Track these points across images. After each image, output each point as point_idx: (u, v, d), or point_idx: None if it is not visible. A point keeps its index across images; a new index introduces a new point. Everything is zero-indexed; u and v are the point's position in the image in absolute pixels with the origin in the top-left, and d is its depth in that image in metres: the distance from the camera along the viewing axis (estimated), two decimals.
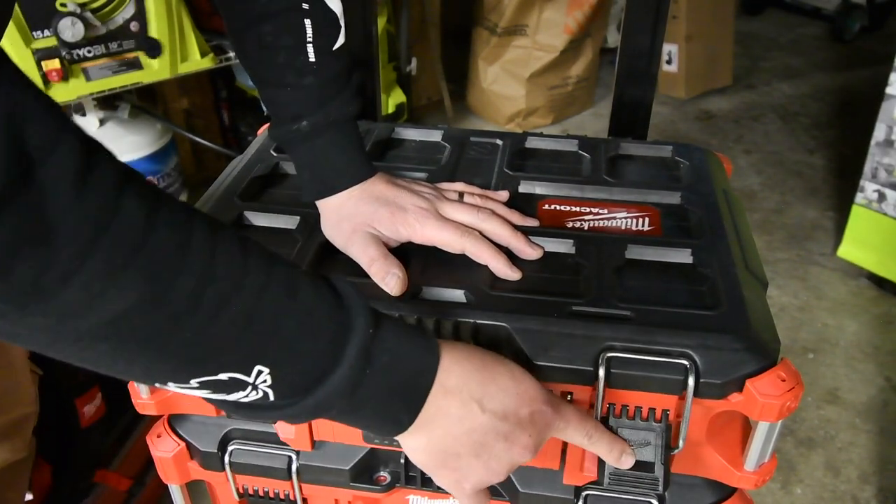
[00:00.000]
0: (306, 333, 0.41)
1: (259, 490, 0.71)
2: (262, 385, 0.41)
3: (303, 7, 0.61)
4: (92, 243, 0.32)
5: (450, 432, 0.48)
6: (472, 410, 0.48)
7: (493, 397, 0.49)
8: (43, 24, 1.55)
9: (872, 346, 1.81)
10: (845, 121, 2.84)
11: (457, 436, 0.48)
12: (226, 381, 0.40)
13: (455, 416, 0.48)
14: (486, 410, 0.48)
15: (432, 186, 0.71)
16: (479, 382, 0.48)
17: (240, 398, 0.42)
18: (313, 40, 0.62)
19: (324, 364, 0.42)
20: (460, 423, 0.48)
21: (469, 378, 0.48)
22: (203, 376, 0.39)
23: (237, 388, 0.41)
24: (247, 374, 0.40)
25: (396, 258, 0.63)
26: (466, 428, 0.48)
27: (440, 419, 0.48)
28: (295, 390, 0.42)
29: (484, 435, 0.49)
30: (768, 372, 0.55)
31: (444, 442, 0.49)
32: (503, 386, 0.49)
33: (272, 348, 0.40)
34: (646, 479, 0.58)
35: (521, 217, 0.70)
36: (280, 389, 0.42)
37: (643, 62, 0.93)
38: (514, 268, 0.63)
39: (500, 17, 2.61)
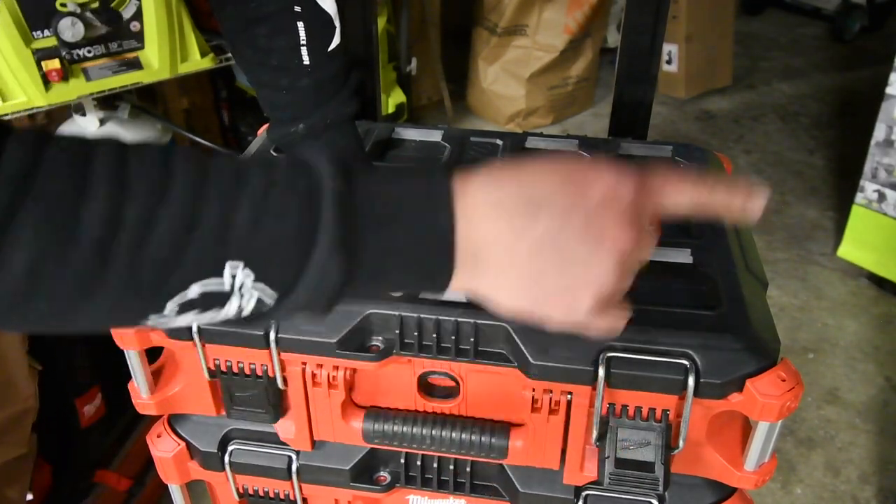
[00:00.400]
0: (267, 214, 0.36)
1: (259, 490, 0.71)
2: (247, 286, 0.36)
3: (295, 10, 0.61)
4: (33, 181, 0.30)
5: (514, 262, 0.40)
6: (526, 223, 0.39)
7: (543, 197, 0.40)
8: (43, 24, 1.54)
9: (872, 346, 1.81)
10: (845, 121, 2.84)
11: (525, 262, 0.40)
12: (200, 298, 0.36)
13: (507, 241, 0.39)
14: (542, 213, 0.39)
15: None
16: (517, 192, 0.40)
17: (237, 309, 0.37)
18: (307, 42, 0.62)
19: (303, 238, 0.37)
20: (518, 245, 0.39)
21: (503, 191, 0.40)
22: (172, 299, 0.36)
23: (220, 301, 0.37)
24: (218, 276, 0.36)
25: None
26: (530, 247, 0.39)
27: (492, 253, 0.39)
28: (286, 277, 0.37)
29: (556, 242, 0.39)
30: (768, 372, 0.55)
31: (516, 278, 0.40)
32: (552, 181, 0.40)
33: (233, 243, 0.36)
34: (646, 479, 0.58)
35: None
36: (271, 280, 0.37)
37: (643, 62, 0.93)
38: None
39: (500, 17, 2.61)
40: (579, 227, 0.40)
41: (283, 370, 0.62)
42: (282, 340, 0.60)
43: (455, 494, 0.69)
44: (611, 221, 0.40)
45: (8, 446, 0.96)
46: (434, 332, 0.59)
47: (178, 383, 0.67)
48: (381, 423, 0.63)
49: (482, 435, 0.62)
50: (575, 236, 0.40)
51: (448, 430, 0.62)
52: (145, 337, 0.62)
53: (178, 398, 0.67)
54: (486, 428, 0.62)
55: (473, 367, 0.60)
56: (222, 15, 0.64)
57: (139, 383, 0.66)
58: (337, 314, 0.60)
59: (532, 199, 0.40)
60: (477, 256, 0.40)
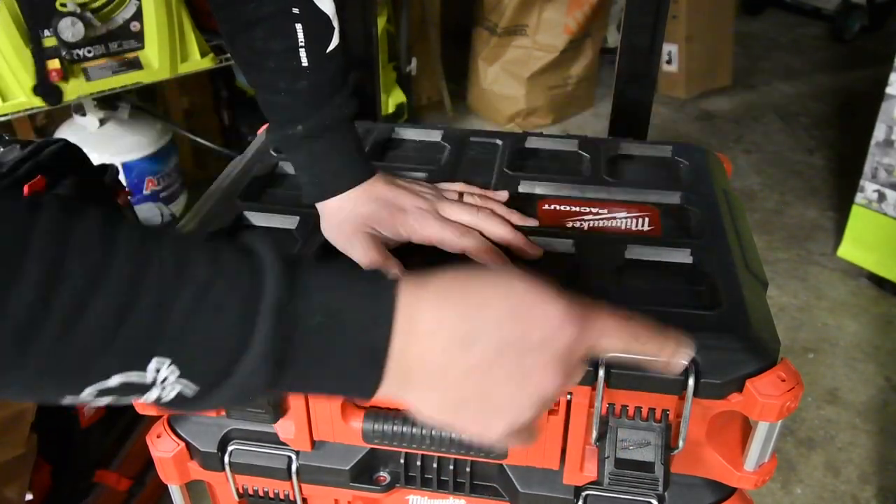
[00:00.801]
0: (202, 311, 0.35)
1: (259, 490, 0.71)
2: (170, 380, 0.35)
3: (293, 11, 0.61)
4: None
5: (441, 383, 0.41)
6: (459, 352, 0.40)
7: (483, 330, 0.40)
8: (43, 24, 1.55)
9: (872, 346, 1.81)
10: (845, 121, 2.84)
11: (451, 384, 0.41)
12: (119, 386, 0.35)
13: (437, 363, 0.40)
14: (476, 347, 0.40)
15: (432, 186, 0.71)
16: (461, 317, 0.40)
17: (155, 398, 0.36)
18: (305, 44, 0.62)
19: (235, 340, 0.36)
20: (447, 370, 0.40)
21: (445, 316, 0.40)
22: (92, 385, 0.34)
23: (140, 391, 0.36)
24: (141, 369, 0.35)
25: (396, 259, 0.63)
26: (458, 373, 0.40)
27: (421, 371, 0.40)
28: (211, 376, 0.37)
29: (484, 376, 0.40)
30: (768, 372, 0.55)
31: (440, 395, 0.41)
32: (496, 314, 0.41)
33: (163, 338, 0.35)
34: (646, 479, 0.58)
35: (521, 217, 0.70)
36: (196, 378, 0.36)
37: (643, 62, 0.93)
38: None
39: (500, 17, 2.61)
40: (509, 367, 0.41)
41: None
42: None
43: (455, 494, 0.69)
44: (541, 367, 0.41)
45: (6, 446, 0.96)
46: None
47: None
48: (380, 423, 0.63)
49: None
50: (503, 374, 0.41)
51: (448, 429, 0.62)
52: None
53: None
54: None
55: None
56: (220, 17, 0.64)
57: None
58: None
59: (471, 331, 0.40)
60: (407, 374, 0.40)
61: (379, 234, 0.65)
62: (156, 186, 1.95)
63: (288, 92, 0.63)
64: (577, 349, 0.42)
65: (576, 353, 0.42)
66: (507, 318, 0.41)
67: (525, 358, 0.41)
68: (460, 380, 0.40)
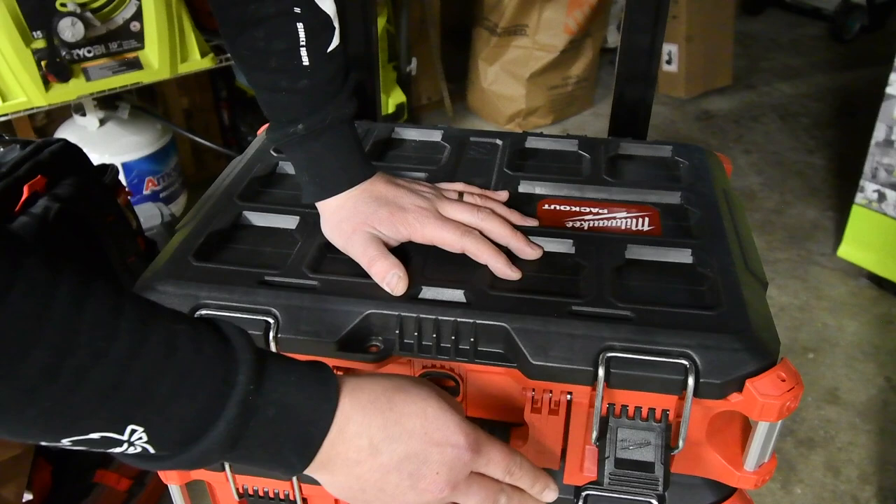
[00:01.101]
0: (181, 393, 0.41)
1: (259, 490, 0.71)
2: (138, 441, 0.41)
3: (294, 11, 0.61)
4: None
5: (351, 473, 0.48)
6: (371, 454, 0.48)
7: (395, 439, 0.49)
8: (43, 25, 1.55)
9: (872, 346, 1.81)
10: (845, 121, 2.84)
11: (358, 476, 0.49)
12: (98, 439, 0.39)
13: (353, 459, 0.48)
14: (386, 453, 0.48)
15: (432, 186, 0.71)
16: (382, 426, 0.48)
17: (120, 452, 0.41)
18: (306, 44, 0.62)
19: (201, 422, 0.42)
20: (358, 465, 0.48)
21: (370, 423, 0.48)
22: (72, 437, 0.39)
23: (112, 445, 0.40)
24: (119, 433, 0.39)
25: (395, 258, 0.63)
26: (365, 469, 0.48)
27: (338, 462, 0.48)
28: (174, 444, 0.42)
29: (385, 475, 0.49)
30: (768, 372, 0.55)
31: (346, 481, 0.49)
32: (409, 428, 0.49)
33: (144, 410, 0.40)
34: (646, 479, 0.58)
35: (521, 217, 0.70)
36: (158, 444, 0.41)
37: (643, 62, 0.93)
38: (513, 267, 0.63)
39: (500, 17, 2.61)
40: (407, 473, 0.49)
41: None
42: (281, 341, 0.60)
43: None
44: (432, 477, 0.49)
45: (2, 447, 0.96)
46: (433, 332, 0.59)
47: None
48: None
49: None
50: (401, 477, 0.49)
51: None
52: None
53: None
54: (486, 428, 0.62)
55: (473, 367, 0.60)
56: (222, 17, 0.64)
57: None
58: (336, 315, 0.60)
59: (384, 440, 0.48)
60: (325, 463, 0.48)
61: (379, 233, 0.65)
62: (156, 186, 1.95)
63: (289, 91, 0.63)
64: (465, 471, 0.51)
65: (462, 475, 0.51)
66: (416, 435, 0.49)
67: (421, 468, 0.49)
68: (366, 474, 0.49)
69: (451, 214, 0.66)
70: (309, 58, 0.62)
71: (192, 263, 0.64)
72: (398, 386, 0.51)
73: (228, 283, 0.62)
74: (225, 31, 0.64)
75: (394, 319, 0.60)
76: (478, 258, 0.64)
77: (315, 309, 0.60)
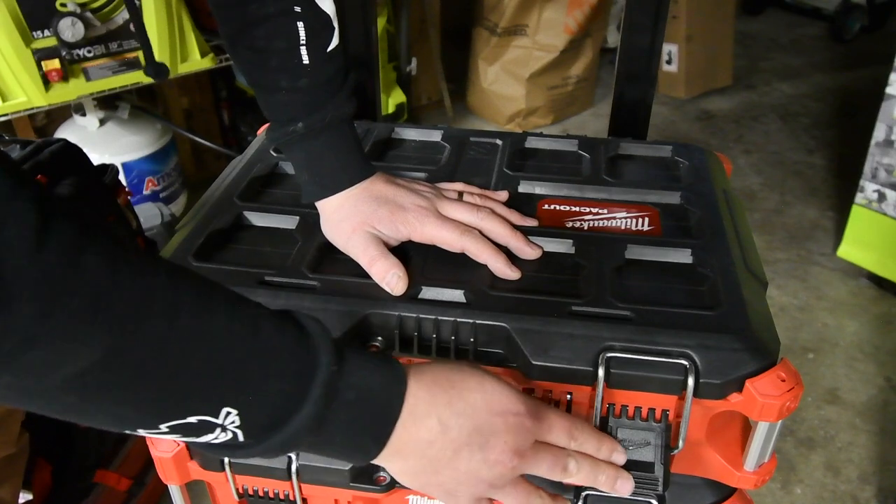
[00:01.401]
0: (272, 374, 0.42)
1: (259, 490, 0.71)
2: (230, 426, 0.41)
3: (295, 10, 0.61)
4: (53, 304, 0.32)
5: (424, 455, 0.49)
6: (441, 432, 0.49)
7: (462, 414, 0.49)
8: (43, 24, 1.55)
9: (872, 346, 1.81)
10: (845, 121, 2.84)
11: (431, 457, 0.49)
12: (195, 423, 0.40)
13: (425, 440, 0.48)
14: (454, 428, 0.49)
15: (432, 186, 0.71)
16: (447, 403, 0.49)
17: (210, 440, 0.42)
18: (306, 43, 0.62)
19: (289, 403, 0.43)
20: (431, 445, 0.49)
21: (436, 401, 0.49)
22: (172, 420, 0.39)
23: (207, 431, 0.41)
24: (215, 416, 0.40)
25: (395, 258, 0.63)
26: (438, 448, 0.49)
27: (411, 444, 0.48)
28: (262, 430, 0.43)
29: (457, 451, 0.49)
30: (768, 372, 0.55)
31: (420, 464, 0.50)
32: (472, 402, 0.50)
33: (239, 390, 0.41)
34: (646, 479, 0.58)
35: (521, 217, 0.70)
36: (248, 429, 0.42)
37: (643, 62, 0.93)
38: (513, 267, 0.63)
39: (500, 17, 2.61)
40: (476, 448, 0.50)
41: None
42: None
43: None
44: (500, 450, 0.50)
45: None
46: (433, 332, 0.59)
47: None
48: None
49: None
50: (470, 453, 0.50)
51: None
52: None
53: None
54: None
55: None
56: (222, 17, 0.64)
57: None
58: (336, 314, 0.60)
59: (451, 417, 0.49)
60: (398, 448, 0.48)
61: (379, 232, 0.65)
62: (156, 186, 1.95)
63: (289, 90, 0.63)
64: (530, 439, 0.51)
65: (528, 442, 0.51)
66: (480, 410, 0.50)
67: (490, 440, 0.50)
68: (437, 454, 0.49)
69: (450, 214, 0.66)
70: (309, 57, 0.62)
71: (192, 263, 0.64)
72: (454, 367, 0.52)
73: (228, 284, 0.61)
74: (225, 30, 0.64)
75: (394, 319, 0.60)
76: (477, 258, 0.64)
77: (315, 309, 0.60)
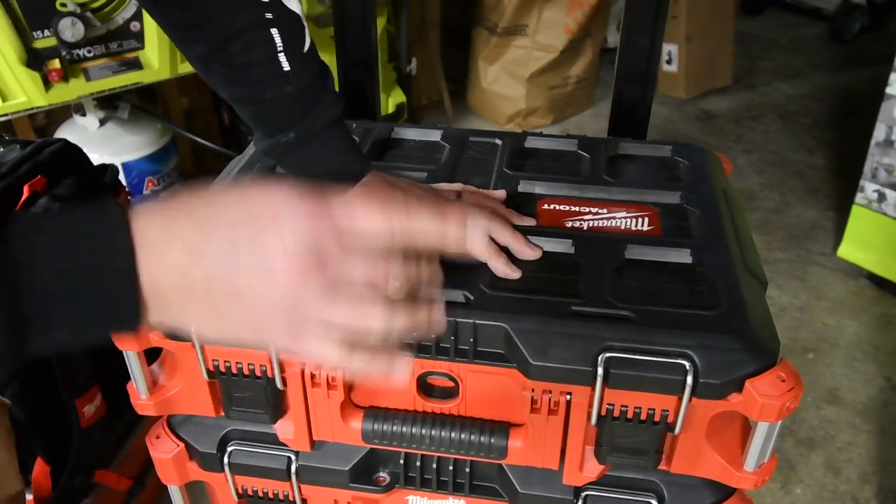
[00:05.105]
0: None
1: (258, 491, 0.71)
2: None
3: (267, 17, 0.59)
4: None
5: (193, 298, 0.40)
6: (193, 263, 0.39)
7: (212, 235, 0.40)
8: (43, 24, 1.55)
9: (872, 346, 1.81)
10: (845, 121, 2.84)
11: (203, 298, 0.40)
12: None
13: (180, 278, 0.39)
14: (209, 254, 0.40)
15: (430, 187, 0.71)
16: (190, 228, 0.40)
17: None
18: (284, 49, 0.61)
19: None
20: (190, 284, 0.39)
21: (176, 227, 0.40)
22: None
23: None
24: None
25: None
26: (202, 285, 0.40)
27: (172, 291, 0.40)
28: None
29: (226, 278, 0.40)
30: (768, 372, 0.55)
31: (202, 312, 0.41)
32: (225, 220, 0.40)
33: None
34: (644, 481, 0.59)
35: (520, 216, 0.70)
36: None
37: (642, 62, 0.93)
38: (513, 267, 0.63)
39: (500, 17, 2.61)
40: (247, 262, 0.39)
41: (282, 371, 0.62)
42: None
43: (454, 495, 0.69)
44: (282, 253, 0.40)
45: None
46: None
47: (177, 384, 0.67)
48: (380, 423, 0.63)
49: (481, 435, 0.62)
50: (243, 270, 0.39)
51: (447, 430, 0.62)
52: (144, 338, 0.62)
53: (177, 399, 0.67)
54: (486, 428, 0.62)
55: (472, 367, 0.60)
56: (189, 39, 0.62)
57: (138, 384, 0.66)
58: None
59: (201, 240, 0.39)
60: (160, 296, 0.39)
61: None
62: (156, 186, 1.95)
63: (274, 101, 0.62)
64: (326, 234, 0.41)
65: (327, 239, 0.41)
66: (238, 222, 0.40)
67: (260, 246, 0.40)
68: (207, 289, 0.40)
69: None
70: (289, 63, 0.61)
71: None
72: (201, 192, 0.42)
73: None
74: (196, 53, 0.62)
75: None
76: (480, 257, 0.64)
77: None
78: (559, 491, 0.65)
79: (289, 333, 0.41)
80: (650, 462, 0.60)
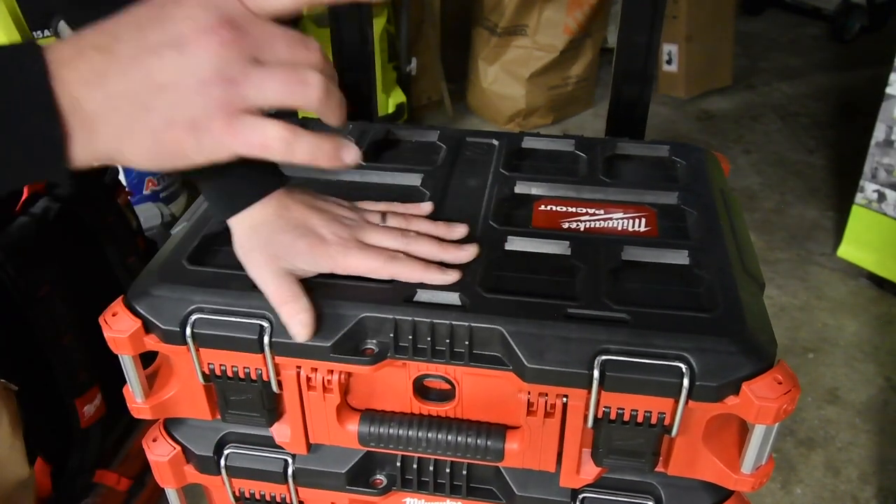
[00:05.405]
0: None
1: (255, 494, 0.71)
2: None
3: None
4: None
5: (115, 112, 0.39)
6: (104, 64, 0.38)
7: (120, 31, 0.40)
8: (43, 24, 1.55)
9: (872, 346, 1.81)
10: (845, 121, 2.84)
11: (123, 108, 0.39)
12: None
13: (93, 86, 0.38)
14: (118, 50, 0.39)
15: (352, 207, 0.66)
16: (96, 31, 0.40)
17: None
18: None
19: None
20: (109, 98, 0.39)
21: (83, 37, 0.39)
22: None
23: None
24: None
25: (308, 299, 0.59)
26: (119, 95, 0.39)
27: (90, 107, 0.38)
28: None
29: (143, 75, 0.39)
30: (765, 374, 0.55)
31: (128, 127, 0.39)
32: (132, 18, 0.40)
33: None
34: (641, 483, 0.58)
35: (447, 227, 0.67)
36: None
37: (640, 61, 0.93)
38: (448, 271, 0.61)
39: (500, 17, 2.61)
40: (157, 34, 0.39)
41: (278, 374, 0.62)
42: (276, 345, 0.60)
43: (451, 497, 0.68)
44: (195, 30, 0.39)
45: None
46: (429, 336, 0.59)
47: (173, 388, 0.67)
48: (376, 426, 0.63)
49: (478, 438, 0.62)
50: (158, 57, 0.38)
51: (444, 433, 0.62)
52: (139, 342, 0.62)
53: (172, 402, 0.67)
54: (482, 431, 0.62)
55: (469, 370, 0.60)
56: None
57: (133, 388, 0.66)
58: (330, 318, 0.59)
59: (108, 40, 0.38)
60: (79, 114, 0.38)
61: (295, 268, 0.60)
62: (156, 186, 1.95)
63: None
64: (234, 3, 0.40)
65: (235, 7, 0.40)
66: (144, 17, 0.39)
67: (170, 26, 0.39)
68: (127, 91, 0.39)
69: (374, 241, 0.62)
70: None
71: (187, 267, 0.64)
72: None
73: (223, 287, 0.61)
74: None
75: (389, 323, 0.59)
76: (410, 280, 0.61)
77: None
78: (556, 493, 0.64)
79: (225, 119, 0.40)
80: (647, 464, 0.60)
